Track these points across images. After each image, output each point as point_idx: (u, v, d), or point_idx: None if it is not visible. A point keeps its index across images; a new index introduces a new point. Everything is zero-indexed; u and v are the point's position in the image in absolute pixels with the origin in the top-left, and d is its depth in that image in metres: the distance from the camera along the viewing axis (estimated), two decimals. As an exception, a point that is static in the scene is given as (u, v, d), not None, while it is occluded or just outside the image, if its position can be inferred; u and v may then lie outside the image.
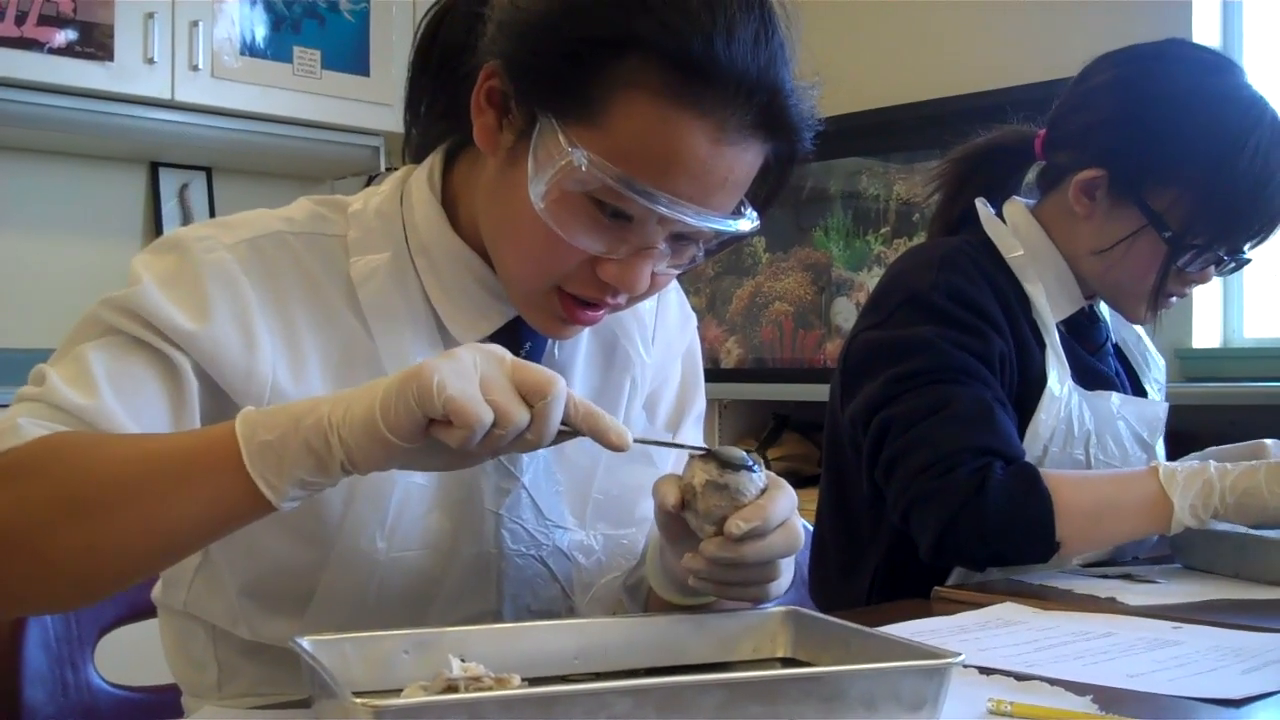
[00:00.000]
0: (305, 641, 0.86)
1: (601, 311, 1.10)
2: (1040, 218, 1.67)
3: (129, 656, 1.40)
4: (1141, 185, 1.57)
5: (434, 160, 1.17)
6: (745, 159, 1.03)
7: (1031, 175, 1.77)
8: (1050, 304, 1.62)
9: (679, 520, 1.00)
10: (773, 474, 1.01)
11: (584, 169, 0.98)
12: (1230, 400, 2.64)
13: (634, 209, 1.01)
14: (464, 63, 1.09)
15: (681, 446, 1.09)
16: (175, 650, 1.20)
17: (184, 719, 1.16)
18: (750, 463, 0.98)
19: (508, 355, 0.90)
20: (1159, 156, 1.55)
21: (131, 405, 1.00)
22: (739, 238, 1.08)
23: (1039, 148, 1.69)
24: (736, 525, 0.95)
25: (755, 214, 1.09)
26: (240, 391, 1.04)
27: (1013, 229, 1.66)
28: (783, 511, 0.98)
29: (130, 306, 1.03)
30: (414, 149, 1.22)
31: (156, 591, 1.20)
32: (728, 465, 0.97)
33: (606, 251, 1.04)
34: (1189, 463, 1.48)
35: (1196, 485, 1.43)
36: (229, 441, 0.89)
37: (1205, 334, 3.02)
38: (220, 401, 1.05)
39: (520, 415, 0.87)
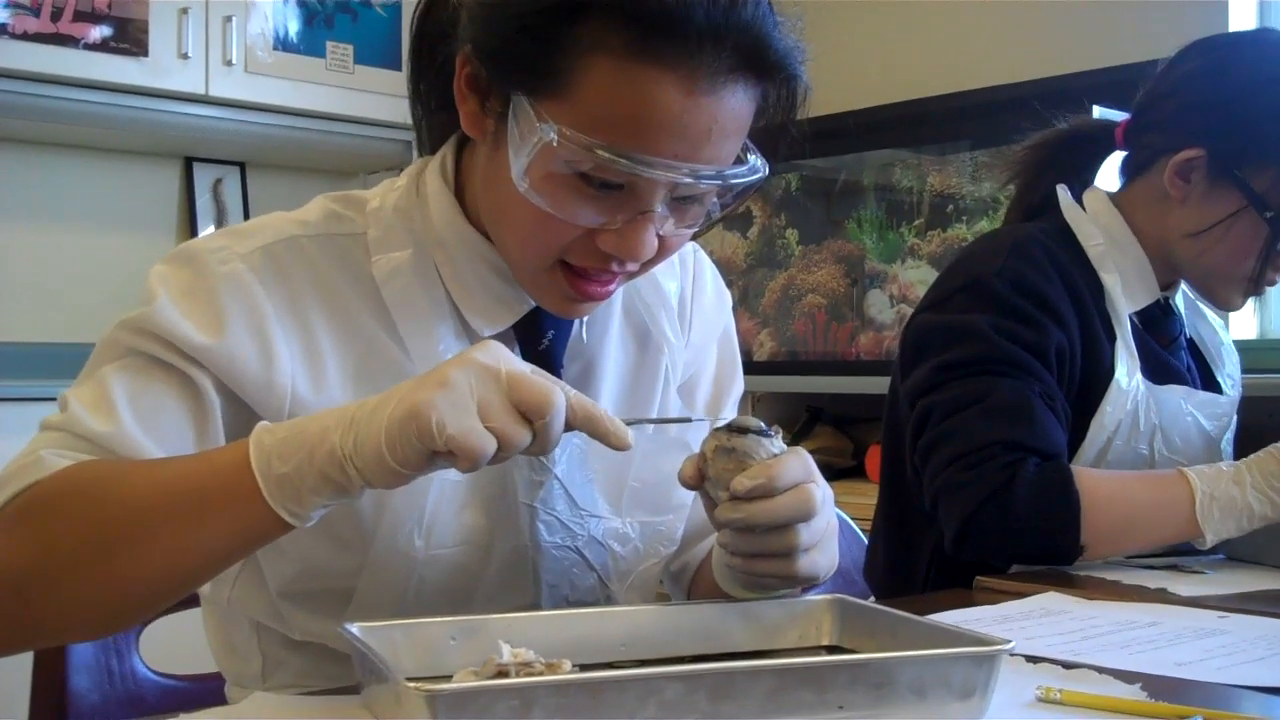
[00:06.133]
0: (355, 628, 0.86)
1: (612, 284, 1.08)
2: (1123, 204, 1.66)
3: (174, 645, 1.41)
4: (1241, 165, 1.55)
5: (446, 151, 1.16)
6: (728, 106, 0.99)
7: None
8: (1126, 295, 1.60)
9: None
10: (796, 448, 1.00)
11: (556, 144, 0.96)
12: (1268, 392, 2.61)
13: (618, 176, 0.99)
14: (449, 52, 1.08)
15: (689, 420, 1.08)
16: (220, 642, 1.21)
17: (228, 708, 1.16)
18: (764, 428, 0.98)
19: (503, 366, 0.88)
20: (1259, 137, 1.54)
21: (153, 428, 1.00)
22: (745, 188, 1.05)
23: (1120, 136, 1.68)
24: (741, 483, 0.95)
25: (762, 162, 1.05)
26: (261, 403, 1.04)
27: (1093, 217, 1.64)
28: (792, 474, 0.96)
29: (146, 326, 1.02)
30: (425, 141, 1.21)
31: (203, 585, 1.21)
32: (736, 430, 0.97)
33: (602, 223, 1.02)
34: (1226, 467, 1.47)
35: (1232, 515, 1.43)
36: (244, 470, 0.88)
37: (1241, 326, 2.99)
38: (244, 414, 1.04)
39: (522, 438, 0.88)
